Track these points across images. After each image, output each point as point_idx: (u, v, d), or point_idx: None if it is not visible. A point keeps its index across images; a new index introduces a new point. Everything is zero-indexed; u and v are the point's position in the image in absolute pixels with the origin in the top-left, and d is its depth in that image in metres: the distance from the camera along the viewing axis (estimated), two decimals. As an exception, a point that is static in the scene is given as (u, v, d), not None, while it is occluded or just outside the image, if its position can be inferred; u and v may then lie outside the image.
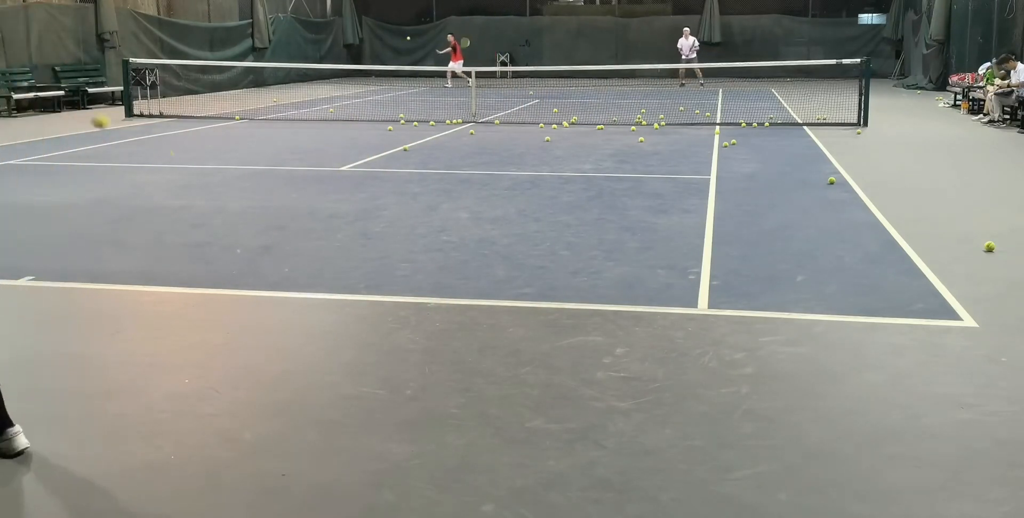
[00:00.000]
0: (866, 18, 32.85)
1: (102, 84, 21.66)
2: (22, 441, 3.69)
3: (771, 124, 16.39)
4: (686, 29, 28.64)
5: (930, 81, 25.03)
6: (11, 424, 3.71)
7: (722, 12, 32.35)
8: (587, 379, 4.45)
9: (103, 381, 4.47)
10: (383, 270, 6.60)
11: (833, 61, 18.68)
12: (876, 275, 6.35)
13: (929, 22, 24.81)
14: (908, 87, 26.20)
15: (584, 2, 35.63)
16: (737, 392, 4.28)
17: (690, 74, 27.83)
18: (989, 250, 6.97)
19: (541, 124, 16.40)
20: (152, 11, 24.65)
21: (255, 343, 5.05)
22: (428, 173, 11.07)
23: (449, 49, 27.21)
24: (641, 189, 9.88)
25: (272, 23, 29.32)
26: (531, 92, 25.32)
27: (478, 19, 32.88)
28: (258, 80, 28.55)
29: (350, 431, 3.89)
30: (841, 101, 18.70)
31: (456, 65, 26.38)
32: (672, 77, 29.94)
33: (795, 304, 5.66)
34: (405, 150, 13.14)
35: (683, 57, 27.40)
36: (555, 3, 35.19)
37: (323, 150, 13.41)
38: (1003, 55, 16.52)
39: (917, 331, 5.17)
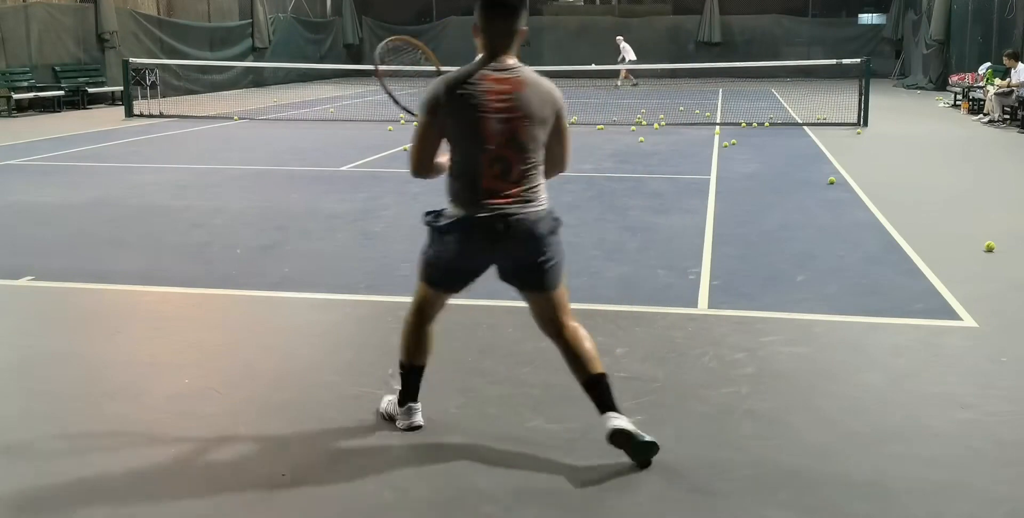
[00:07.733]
0: (866, 18, 32.88)
1: (102, 84, 21.67)
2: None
3: (771, 124, 16.38)
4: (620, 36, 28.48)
5: (930, 81, 25.03)
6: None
7: (722, 12, 32.36)
8: (587, 379, 4.43)
9: (103, 381, 4.47)
10: (383, 270, 6.60)
11: (833, 61, 18.65)
12: (876, 275, 6.34)
13: (929, 22, 24.83)
14: (908, 87, 26.20)
15: (584, 2, 35.64)
16: (737, 392, 4.27)
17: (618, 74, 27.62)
18: (989, 250, 6.96)
19: (541, 124, 16.36)
20: (152, 11, 24.67)
21: (255, 343, 5.05)
22: (428, 173, 11.04)
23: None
24: (641, 189, 9.87)
25: (272, 23, 29.34)
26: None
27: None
28: (258, 80, 28.56)
29: (350, 431, 3.89)
30: (841, 101, 18.69)
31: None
32: (672, 77, 29.93)
33: (795, 304, 5.66)
34: (405, 150, 13.11)
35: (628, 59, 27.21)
36: (555, 3, 35.19)
37: (323, 150, 13.41)
38: (1004, 55, 16.55)
39: (917, 331, 5.17)
